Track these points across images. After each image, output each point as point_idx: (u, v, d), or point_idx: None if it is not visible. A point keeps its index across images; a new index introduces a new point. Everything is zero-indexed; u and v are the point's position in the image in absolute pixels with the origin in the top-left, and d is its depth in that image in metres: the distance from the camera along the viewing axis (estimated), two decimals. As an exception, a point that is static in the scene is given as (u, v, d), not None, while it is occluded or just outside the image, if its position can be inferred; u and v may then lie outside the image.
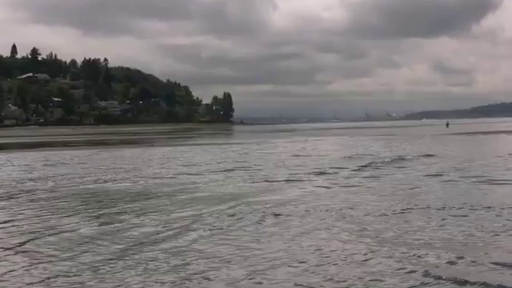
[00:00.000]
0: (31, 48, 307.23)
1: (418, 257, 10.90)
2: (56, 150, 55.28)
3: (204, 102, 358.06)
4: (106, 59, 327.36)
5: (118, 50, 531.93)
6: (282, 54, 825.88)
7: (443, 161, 33.08)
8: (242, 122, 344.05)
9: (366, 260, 10.90)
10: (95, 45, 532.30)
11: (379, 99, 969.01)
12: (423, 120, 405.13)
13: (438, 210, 16.08)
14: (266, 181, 24.47)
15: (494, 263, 10.36)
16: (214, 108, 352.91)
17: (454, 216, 15.05)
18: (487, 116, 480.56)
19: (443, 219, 14.62)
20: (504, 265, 10.26)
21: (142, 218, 15.78)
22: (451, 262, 10.51)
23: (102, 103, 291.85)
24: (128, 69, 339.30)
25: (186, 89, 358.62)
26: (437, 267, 10.20)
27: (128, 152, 49.97)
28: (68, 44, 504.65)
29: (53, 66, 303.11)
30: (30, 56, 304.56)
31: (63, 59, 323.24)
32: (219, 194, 20.50)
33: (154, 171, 30.15)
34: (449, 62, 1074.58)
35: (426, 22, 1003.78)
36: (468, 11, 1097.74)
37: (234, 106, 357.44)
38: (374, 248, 11.77)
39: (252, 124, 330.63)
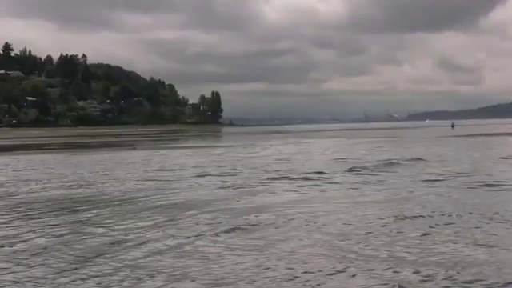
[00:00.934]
0: (3, 43, 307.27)
1: (394, 272, 11.02)
2: (30, 154, 55.36)
3: (190, 102, 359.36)
4: (84, 55, 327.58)
5: (98, 46, 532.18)
6: (274, 49, 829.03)
7: (432, 166, 33.39)
8: (231, 124, 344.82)
9: (337, 273, 11.06)
10: (73, 40, 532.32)
11: (379, 99, 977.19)
12: (426, 121, 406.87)
13: (415, 218, 16.30)
14: (242, 187, 24.74)
15: (466, 282, 10.44)
16: (201, 108, 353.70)
17: (431, 227, 15.17)
18: (496, 116, 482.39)
19: (420, 230, 14.72)
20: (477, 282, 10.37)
21: (99, 227, 15.86)
22: (427, 278, 10.65)
23: (80, 103, 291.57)
24: (108, 66, 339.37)
25: (171, 87, 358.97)
26: (410, 284, 10.32)
27: (107, 155, 50.14)
28: (43, 39, 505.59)
29: (27, 62, 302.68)
30: (1, 52, 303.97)
31: (38, 55, 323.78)
32: (187, 200, 20.72)
33: (127, 176, 30.42)
34: (455, 58, 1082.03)
35: (429, 16, 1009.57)
36: (475, 3, 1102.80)
37: (222, 106, 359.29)
38: (345, 261, 11.86)
39: (242, 125, 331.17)
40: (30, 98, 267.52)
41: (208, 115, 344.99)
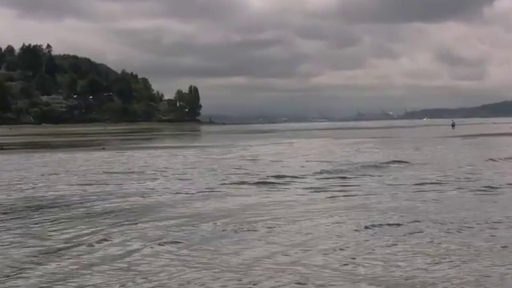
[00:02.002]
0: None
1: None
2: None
3: (166, 98, 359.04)
4: (48, 46, 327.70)
5: (64, 35, 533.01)
6: (258, 40, 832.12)
7: (414, 169, 34.18)
8: (211, 121, 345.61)
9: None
10: (36, 28, 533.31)
11: (373, 95, 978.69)
12: (424, 119, 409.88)
13: (376, 226, 16.64)
14: (201, 191, 25.38)
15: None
16: (177, 104, 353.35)
17: (393, 236, 15.47)
18: (501, 115, 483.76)
19: (381, 240, 15.00)
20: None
21: (24, 235, 16.10)
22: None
23: (45, 98, 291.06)
24: (75, 57, 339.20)
25: (145, 81, 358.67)
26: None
27: (68, 156, 51.13)
28: (2, 27, 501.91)
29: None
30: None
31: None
32: (132, 207, 21.16)
33: (81, 178, 31.28)
34: (456, 51, 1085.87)
35: (428, 4, 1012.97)
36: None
37: (201, 103, 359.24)
38: (297, 275, 12.09)
39: (223, 123, 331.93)
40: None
41: (185, 112, 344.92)
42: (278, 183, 27.86)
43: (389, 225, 16.83)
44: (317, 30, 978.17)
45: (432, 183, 26.96)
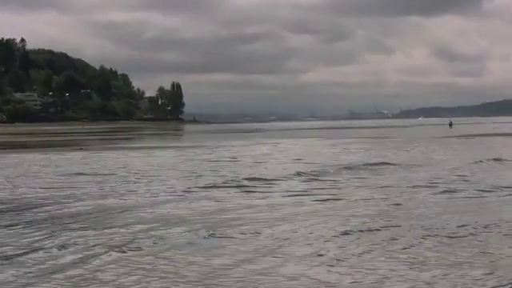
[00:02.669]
0: None
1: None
2: None
3: (147, 95, 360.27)
4: (22, 39, 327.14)
5: (39, 28, 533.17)
6: (245, 35, 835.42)
7: (395, 171, 34.56)
8: (194, 120, 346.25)
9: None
10: (9, 21, 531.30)
11: (367, 92, 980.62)
12: (420, 119, 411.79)
13: (343, 235, 16.62)
14: (173, 194, 25.55)
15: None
16: (159, 102, 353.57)
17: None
18: (501, 113, 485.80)
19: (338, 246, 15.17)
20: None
21: None
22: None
23: (18, 95, 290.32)
24: (51, 52, 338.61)
25: (125, 78, 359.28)
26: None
27: (44, 157, 51.18)
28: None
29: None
30: None
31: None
32: (86, 211, 21.20)
33: (48, 180, 31.54)
34: (454, 46, 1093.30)
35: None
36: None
37: (184, 100, 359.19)
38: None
39: (208, 122, 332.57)
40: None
41: (167, 110, 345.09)
42: (256, 186, 28.08)
43: (369, 230, 17.00)
44: (306, 23, 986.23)
45: (415, 186, 27.31)
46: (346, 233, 16.68)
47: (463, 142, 73.55)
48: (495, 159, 41.04)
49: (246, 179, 30.61)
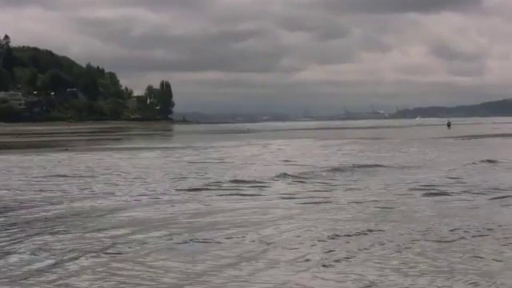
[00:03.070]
0: None
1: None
2: None
3: (135, 94, 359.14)
4: (6, 36, 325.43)
5: (23, 25, 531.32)
6: (236, 32, 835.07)
7: (385, 174, 34.81)
8: (184, 120, 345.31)
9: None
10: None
11: (363, 92, 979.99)
12: (417, 119, 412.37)
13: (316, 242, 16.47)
14: (156, 197, 25.69)
15: None
16: (148, 102, 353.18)
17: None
18: (502, 114, 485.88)
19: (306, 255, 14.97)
20: None
21: None
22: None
23: (1, 94, 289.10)
24: (36, 49, 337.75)
25: (112, 76, 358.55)
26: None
27: (27, 158, 51.39)
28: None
29: None
30: None
31: None
32: (49, 216, 21.01)
33: (26, 182, 31.69)
34: (453, 44, 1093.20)
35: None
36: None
37: (174, 100, 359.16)
38: None
39: (198, 122, 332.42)
40: None
41: (156, 110, 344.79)
42: (241, 189, 28.18)
43: (357, 234, 17.04)
44: (300, 20, 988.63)
45: (407, 189, 27.52)
46: (332, 237, 16.67)
47: (461, 143, 73.81)
48: (490, 161, 41.48)
49: (232, 181, 30.82)
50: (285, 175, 33.23)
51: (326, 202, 23.69)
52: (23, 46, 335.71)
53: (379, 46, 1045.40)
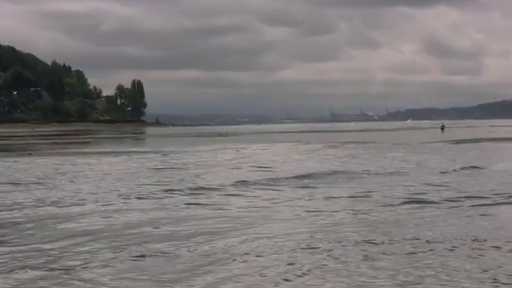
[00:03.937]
0: None
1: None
2: None
3: (105, 94, 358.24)
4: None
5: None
6: (214, 26, 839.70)
7: (358, 182, 35.04)
8: (157, 122, 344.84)
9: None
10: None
11: (351, 92, 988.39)
12: (408, 121, 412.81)
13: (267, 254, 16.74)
14: (108, 204, 26.04)
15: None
16: (118, 102, 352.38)
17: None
18: (500, 116, 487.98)
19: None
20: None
21: None
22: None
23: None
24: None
25: (80, 74, 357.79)
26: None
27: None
28: None
29: None
30: None
31: None
32: None
33: None
34: (448, 40, 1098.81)
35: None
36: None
37: (146, 100, 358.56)
38: None
39: (173, 125, 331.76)
40: None
41: (127, 111, 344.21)
42: (198, 196, 28.58)
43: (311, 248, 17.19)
44: (283, 14, 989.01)
45: (382, 196, 27.90)
46: (293, 249, 16.84)
47: (450, 147, 74.16)
48: (478, 167, 42.00)
49: (190, 189, 31.13)
50: (249, 182, 33.55)
51: (287, 211, 23.96)
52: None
53: (368, 42, 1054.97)
